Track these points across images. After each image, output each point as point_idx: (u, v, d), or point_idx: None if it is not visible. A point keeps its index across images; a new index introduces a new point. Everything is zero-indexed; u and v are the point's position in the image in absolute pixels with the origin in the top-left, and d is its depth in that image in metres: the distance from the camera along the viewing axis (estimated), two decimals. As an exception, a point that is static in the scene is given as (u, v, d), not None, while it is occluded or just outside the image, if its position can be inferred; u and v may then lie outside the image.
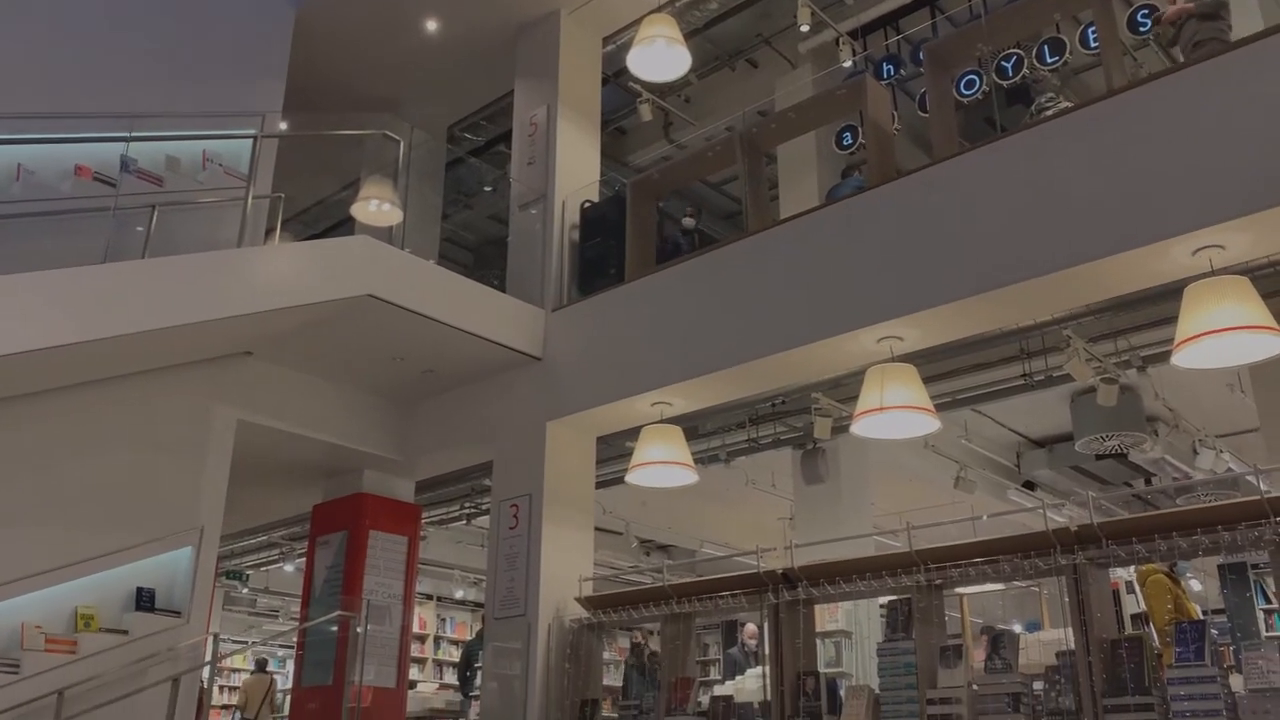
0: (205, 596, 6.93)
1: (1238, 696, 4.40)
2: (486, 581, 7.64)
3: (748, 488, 10.88)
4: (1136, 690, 4.56)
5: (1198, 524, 4.66)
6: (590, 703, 6.91)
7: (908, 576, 5.56)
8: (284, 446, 7.96)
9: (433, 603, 16.88)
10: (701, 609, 6.64)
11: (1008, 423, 9.98)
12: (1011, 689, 4.95)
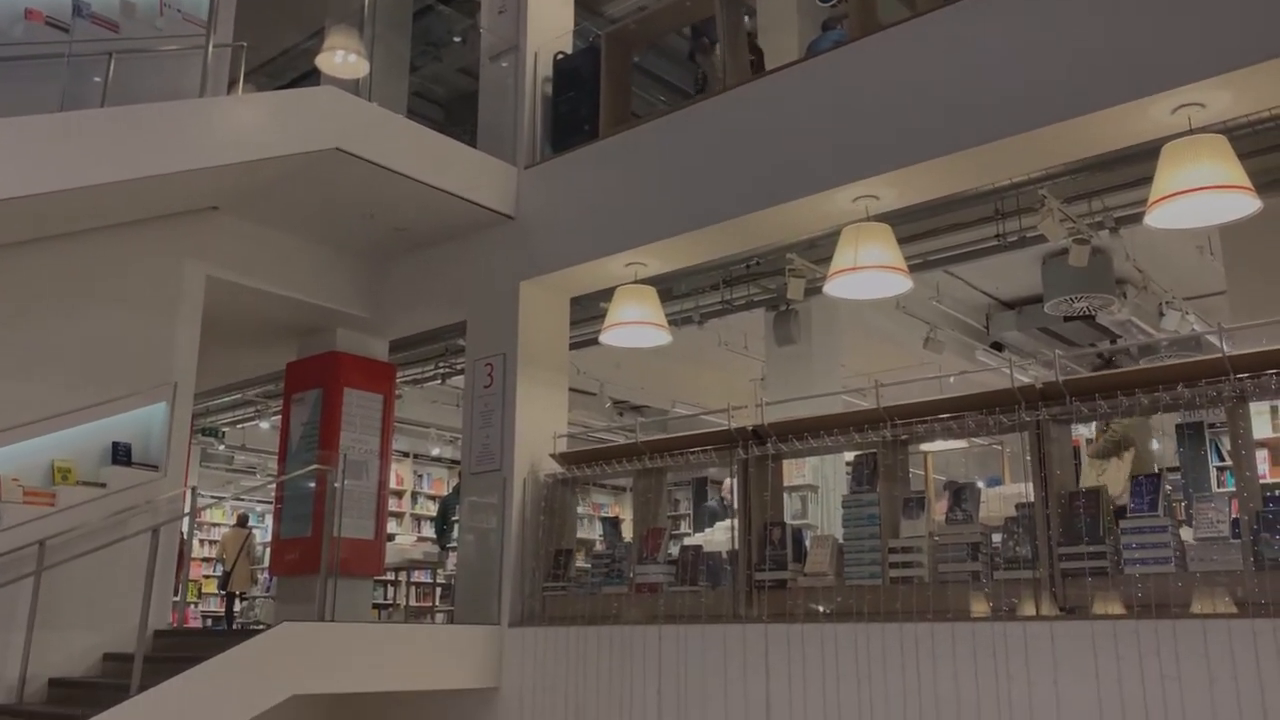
0: (182, 451, 7.00)
1: (1187, 545, 4.59)
2: (462, 438, 7.75)
3: (720, 349, 10.97)
4: (1091, 540, 4.74)
5: (1160, 381, 4.77)
6: (564, 552, 7.12)
7: (874, 432, 5.69)
8: (255, 304, 7.91)
9: (409, 460, 17.15)
10: (673, 464, 6.79)
11: (978, 284, 10.05)
12: (971, 539, 5.13)
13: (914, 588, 5.22)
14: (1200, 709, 4.14)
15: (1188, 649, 4.23)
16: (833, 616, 5.44)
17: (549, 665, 6.58)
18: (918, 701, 4.94)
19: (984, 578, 5.05)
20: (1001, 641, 4.73)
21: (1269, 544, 4.29)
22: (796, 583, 5.76)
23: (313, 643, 5.90)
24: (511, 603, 6.96)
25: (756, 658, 5.59)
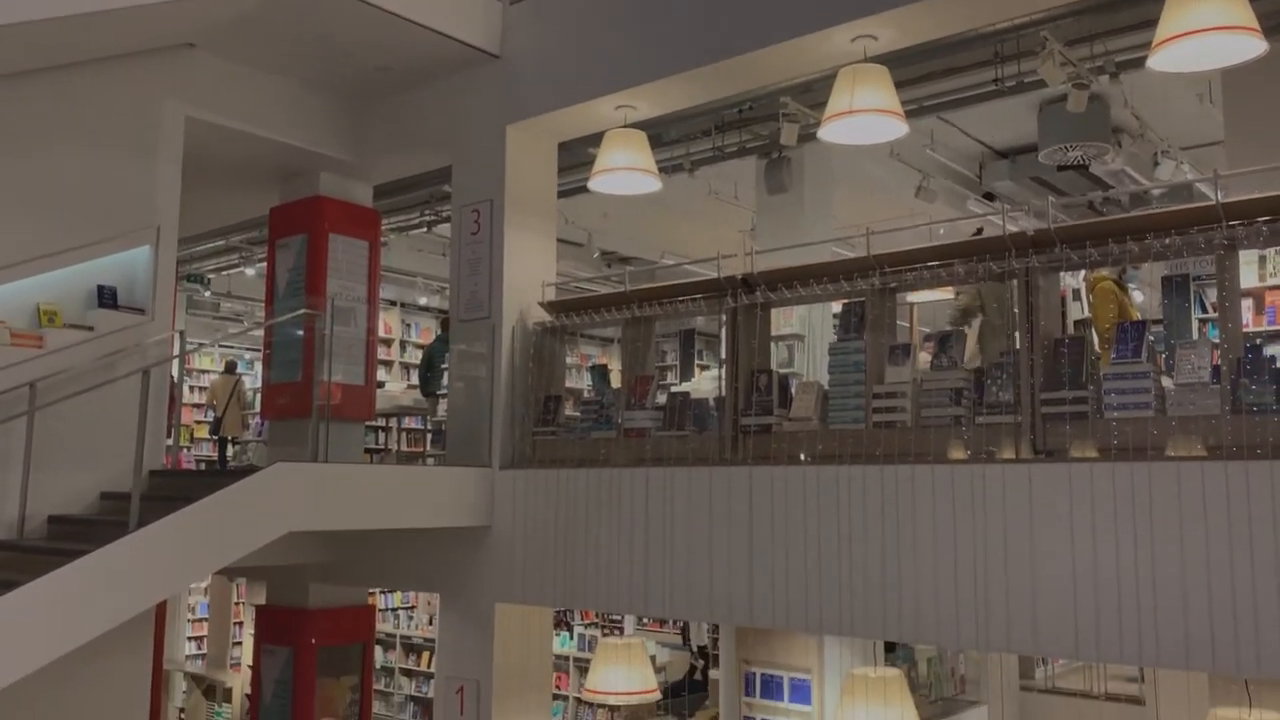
0: (168, 295, 6.97)
1: (1167, 391, 4.66)
2: (450, 286, 7.72)
3: (710, 199, 10.83)
4: (1073, 386, 4.81)
5: (1151, 228, 4.75)
6: (554, 398, 7.21)
7: (863, 280, 5.68)
8: (236, 145, 7.74)
9: (397, 308, 17.14)
10: (662, 313, 6.80)
11: (973, 132, 9.86)
12: (955, 384, 5.20)
13: (896, 432, 5.31)
14: (1169, 545, 4.29)
15: (1161, 490, 4.35)
16: (815, 460, 5.56)
17: (539, 506, 6.74)
18: (895, 541, 5.10)
19: (965, 422, 5.14)
20: (980, 483, 4.85)
21: (1247, 389, 4.36)
22: (781, 427, 5.85)
23: (307, 482, 6.01)
24: (502, 447, 7.08)
25: (740, 499, 5.74)
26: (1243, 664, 4.07)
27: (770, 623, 5.66)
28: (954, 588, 4.80)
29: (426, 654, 15.26)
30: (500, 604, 6.92)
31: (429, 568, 7.35)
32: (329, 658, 8.28)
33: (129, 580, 5.22)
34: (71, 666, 5.75)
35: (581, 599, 6.61)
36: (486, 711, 6.87)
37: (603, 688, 7.13)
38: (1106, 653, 4.35)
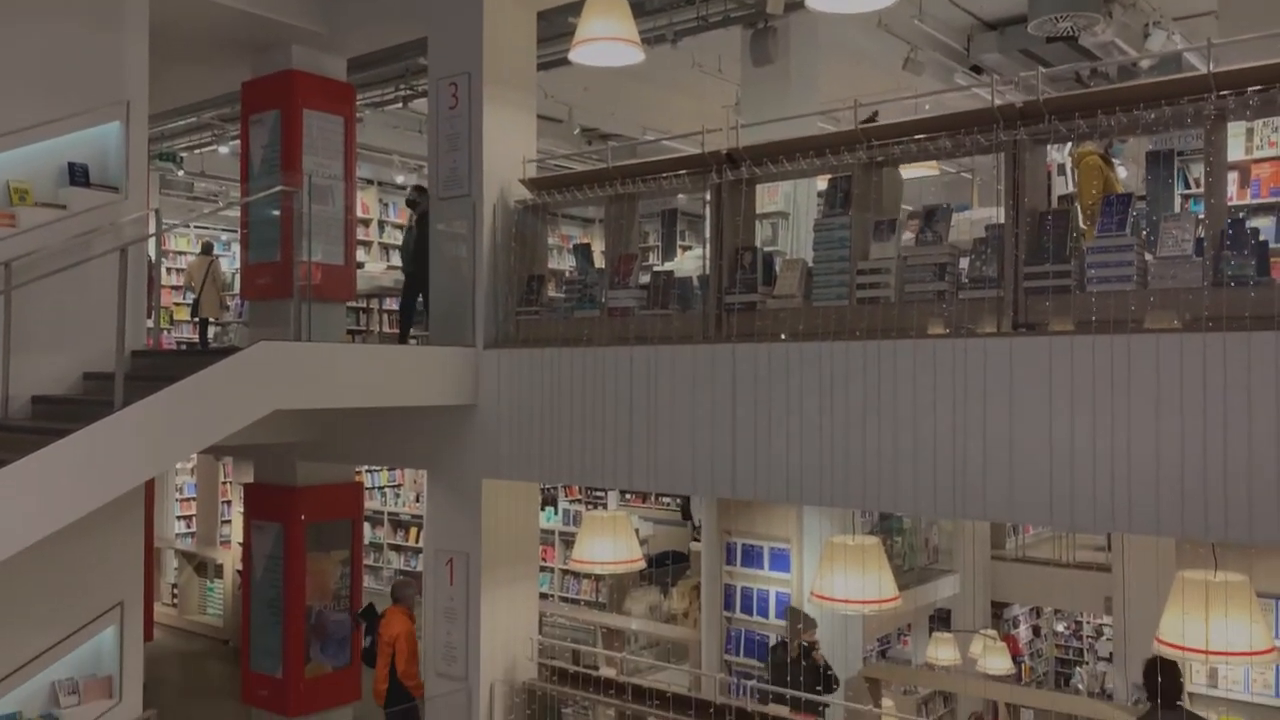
0: (141, 173, 6.81)
1: (1149, 264, 4.67)
2: (429, 163, 7.59)
3: (694, 71, 10.59)
4: (1056, 260, 4.81)
5: (1141, 99, 4.68)
6: (536, 278, 7.17)
7: (850, 154, 5.62)
8: (203, 16, 7.48)
9: (374, 188, 16.87)
10: (645, 190, 6.72)
11: (962, 2, 9.63)
12: (940, 259, 5.19)
13: (879, 308, 5.33)
14: (1144, 416, 4.37)
15: (1139, 362, 4.41)
16: (798, 337, 5.58)
17: (523, 384, 6.78)
18: (877, 415, 5.17)
19: (949, 297, 5.16)
20: (961, 357, 4.89)
21: (1229, 262, 4.38)
22: (765, 305, 5.86)
23: (290, 361, 6.00)
24: (485, 326, 7.08)
25: (724, 376, 5.78)
26: (1211, 529, 4.20)
27: (752, 495, 5.78)
28: (933, 459, 4.90)
29: (414, 529, 15.57)
30: (487, 480, 7.03)
31: (416, 446, 7.43)
32: (318, 533, 8.44)
33: (116, 458, 5.25)
34: (64, 544, 5.83)
35: (566, 475, 6.71)
36: (476, 582, 7.04)
37: (588, 558, 7.30)
38: (1080, 520, 4.47)
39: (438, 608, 7.28)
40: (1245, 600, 4.65)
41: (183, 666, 11.52)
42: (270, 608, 8.41)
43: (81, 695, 6.40)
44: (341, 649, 8.57)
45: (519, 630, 7.27)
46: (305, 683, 8.26)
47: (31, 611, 6.14)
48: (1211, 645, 4.53)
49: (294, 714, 8.14)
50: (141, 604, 6.78)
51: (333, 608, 8.52)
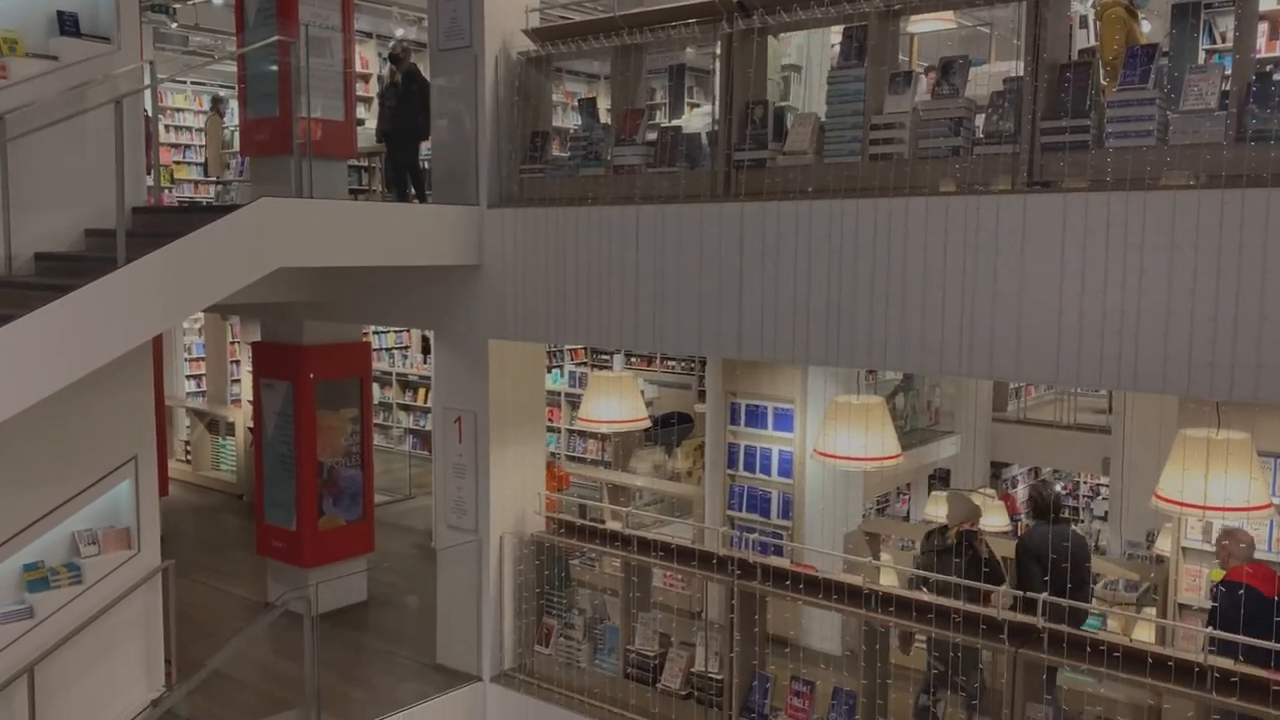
0: (133, 23, 6.58)
1: (1171, 119, 4.55)
2: (428, 13, 7.36)
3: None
4: (1075, 114, 4.68)
5: (1174, -57, 4.47)
6: (540, 135, 7.02)
7: (866, 3, 5.40)
8: None
9: (372, 41, 16.38)
10: (653, 40, 6.51)
11: None
12: (956, 113, 5.06)
13: (893, 164, 5.22)
14: (1157, 274, 4.33)
15: (1155, 219, 4.34)
16: (810, 194, 5.49)
17: (528, 244, 6.72)
18: (886, 274, 5.13)
19: (963, 154, 5.04)
20: (974, 215, 4.82)
21: (1253, 116, 4.26)
22: (775, 162, 5.75)
23: (292, 218, 5.94)
24: (489, 185, 6.97)
25: (732, 235, 5.71)
26: (1217, 387, 4.21)
27: (758, 355, 5.79)
28: (941, 317, 4.88)
29: (423, 390, 15.73)
30: (493, 340, 7.04)
31: (421, 306, 7.42)
32: (327, 392, 8.52)
33: (121, 314, 5.25)
34: (76, 400, 5.90)
35: (572, 335, 6.71)
36: (484, 440, 7.14)
37: (595, 416, 7.38)
38: (1087, 378, 4.48)
39: (447, 464, 7.41)
40: (1246, 458, 4.71)
41: (198, 520, 11.82)
42: (282, 463, 8.56)
43: (101, 545, 6.58)
44: (354, 503, 8.76)
45: (527, 486, 7.42)
46: (319, 535, 8.48)
47: (48, 466, 6.25)
48: (1210, 501, 4.61)
49: (308, 565, 8.37)
50: (155, 459, 6.90)
51: (344, 464, 8.67)
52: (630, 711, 6.52)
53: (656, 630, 6.82)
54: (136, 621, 6.68)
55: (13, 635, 6.05)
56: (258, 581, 9.08)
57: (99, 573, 6.47)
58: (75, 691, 6.28)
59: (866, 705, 5.78)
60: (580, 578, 8.38)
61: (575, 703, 6.75)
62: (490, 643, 7.22)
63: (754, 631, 6.27)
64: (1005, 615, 5.18)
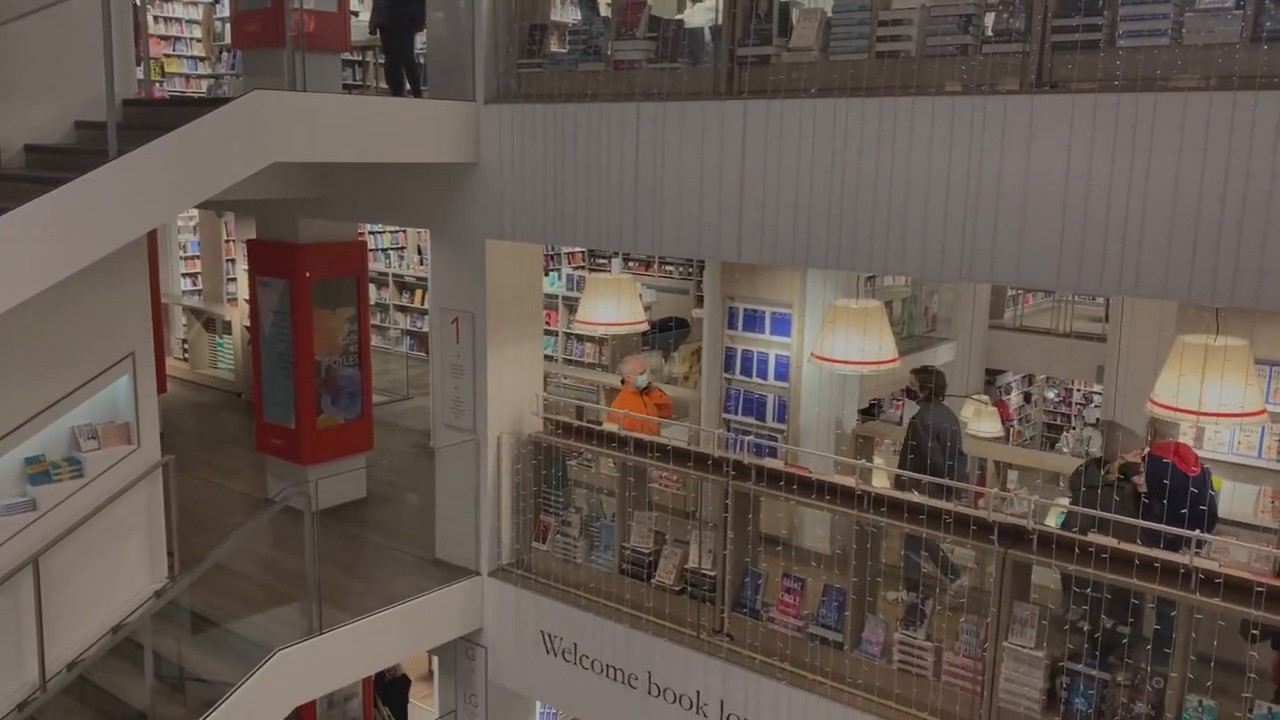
0: (116, -95, 6.36)
1: (1186, 17, 4.43)
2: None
3: None
4: (1088, 11, 4.57)
5: None
6: (538, 28, 6.85)
7: (877, -109, 5.21)
8: None
9: (366, -67, 15.90)
10: (654, -70, 6.30)
11: None
12: (965, 10, 4.93)
13: (899, 62, 5.11)
14: (1164, 177, 4.27)
15: (1164, 121, 4.26)
16: (814, 93, 5.38)
17: (525, 141, 6.61)
18: (889, 174, 5.06)
19: (972, 52, 4.93)
20: (980, 115, 4.73)
21: (1271, 15, 4.15)
22: (780, 59, 5.62)
23: (285, 111, 5.83)
24: (485, 80, 6.82)
25: (734, 133, 5.62)
26: (1218, 293, 4.19)
27: (758, 258, 5.75)
28: (943, 220, 4.83)
29: (419, 291, 15.69)
30: (490, 240, 6.98)
31: (418, 203, 7.34)
32: (324, 290, 8.48)
33: (114, 209, 5.18)
34: (72, 296, 5.88)
35: (570, 236, 6.65)
36: (481, 340, 7.14)
37: (592, 318, 7.37)
38: (1088, 282, 4.46)
39: (445, 364, 7.42)
40: (1243, 364, 4.72)
41: (197, 417, 11.90)
42: (280, 361, 8.57)
43: (101, 440, 6.63)
44: (352, 402, 8.80)
45: (524, 387, 7.44)
46: (317, 433, 8.54)
47: (46, 361, 6.27)
48: (1204, 407, 4.64)
49: (308, 462, 8.45)
50: (152, 356, 6.91)
51: (342, 363, 8.69)
52: (625, 605, 6.66)
53: (652, 528, 6.92)
54: (138, 515, 6.78)
55: (16, 527, 6.13)
56: (257, 478, 9.18)
57: (100, 467, 6.53)
58: (79, 583, 6.40)
59: (856, 602, 5.90)
60: (577, 478, 8.47)
61: (571, 597, 6.89)
62: (488, 539, 7.34)
63: (747, 531, 6.37)
64: (995, 517, 5.25)
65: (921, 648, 5.61)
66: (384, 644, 6.96)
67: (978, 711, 5.34)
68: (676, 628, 6.45)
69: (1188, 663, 4.79)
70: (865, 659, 5.79)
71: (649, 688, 6.48)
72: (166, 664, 6.52)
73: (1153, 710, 4.86)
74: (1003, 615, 5.27)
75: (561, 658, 6.95)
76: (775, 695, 5.90)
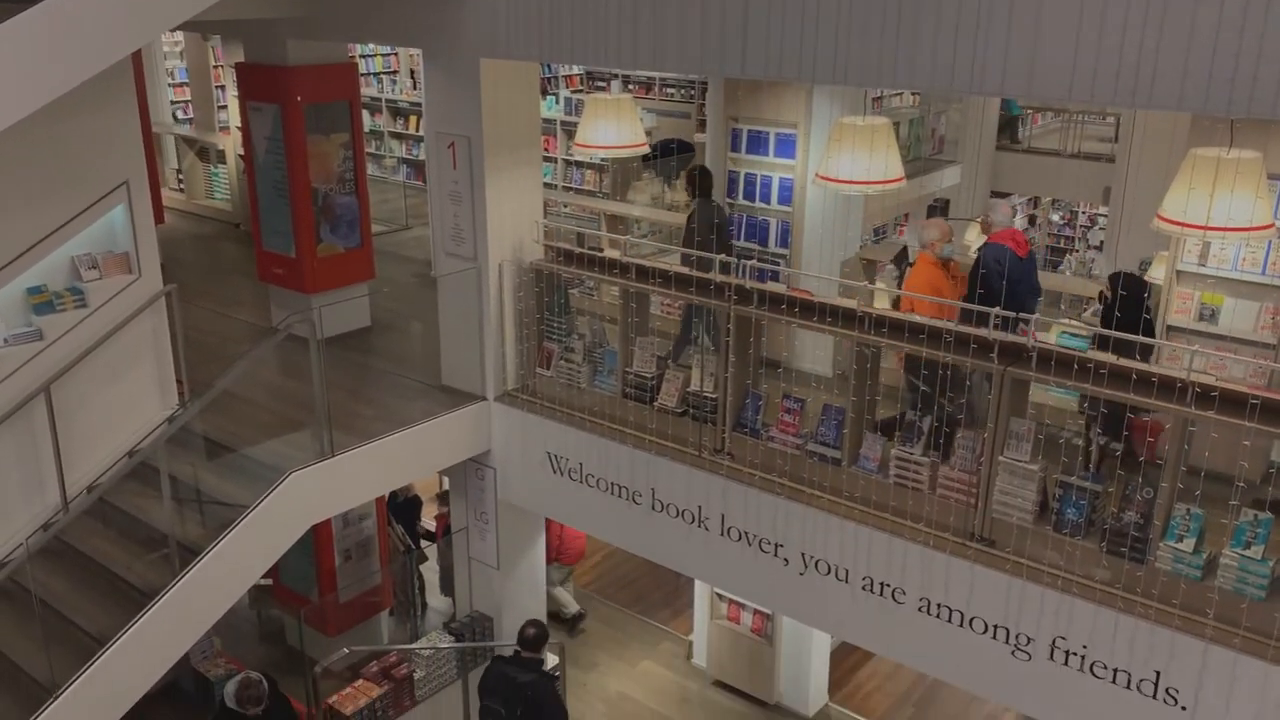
0: None
1: None
2: None
3: None
4: None
5: None
6: None
7: None
8: None
9: None
10: None
11: None
12: None
13: None
14: (1187, -20, 4.08)
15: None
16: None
17: None
18: (899, -17, 4.84)
19: None
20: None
21: None
22: None
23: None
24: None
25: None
26: (1235, 103, 4.07)
27: (763, 73, 5.56)
28: (954, 30, 4.65)
29: (414, 117, 15.34)
30: (485, 60, 6.75)
31: (410, 20, 7.06)
32: (316, 115, 8.28)
33: (95, 26, 5.00)
34: (61, 125, 5.77)
35: (567, 52, 6.41)
36: (479, 165, 7.01)
37: (592, 141, 7.21)
38: (1101, 94, 4.32)
39: (443, 191, 7.32)
40: (1254, 176, 4.63)
41: (197, 248, 11.86)
42: (276, 189, 8.46)
43: (102, 270, 6.62)
44: (351, 231, 8.73)
45: (524, 214, 7.36)
46: (319, 261, 8.51)
47: (40, 191, 6.19)
48: (1212, 221, 4.58)
49: (310, 290, 8.45)
50: (147, 184, 6.81)
51: (339, 191, 8.57)
52: (628, 427, 6.79)
53: (654, 354, 6.99)
54: (145, 344, 6.83)
55: (25, 356, 6.20)
56: (261, 307, 9.22)
57: (103, 297, 6.55)
58: (92, 410, 6.51)
59: (855, 420, 6.01)
60: (579, 305, 8.50)
61: (576, 420, 7.02)
62: (493, 365, 7.41)
63: (748, 355, 6.42)
64: (995, 335, 5.27)
65: (918, 463, 5.75)
66: (394, 466, 7.14)
67: (971, 522, 5.52)
68: (678, 448, 6.60)
69: (1178, 474, 4.91)
70: (862, 474, 5.94)
71: (652, 504, 6.69)
72: (184, 487, 6.71)
73: (1141, 519, 5.02)
74: (999, 431, 5.37)
75: (568, 477, 7.14)
76: (774, 509, 6.09)
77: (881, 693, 9.48)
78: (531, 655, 6.70)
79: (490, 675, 6.77)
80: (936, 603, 5.54)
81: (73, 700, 5.40)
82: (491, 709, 6.65)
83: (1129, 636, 4.91)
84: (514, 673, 6.63)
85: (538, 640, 6.67)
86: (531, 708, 6.53)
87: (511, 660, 6.72)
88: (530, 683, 6.59)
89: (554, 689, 6.66)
